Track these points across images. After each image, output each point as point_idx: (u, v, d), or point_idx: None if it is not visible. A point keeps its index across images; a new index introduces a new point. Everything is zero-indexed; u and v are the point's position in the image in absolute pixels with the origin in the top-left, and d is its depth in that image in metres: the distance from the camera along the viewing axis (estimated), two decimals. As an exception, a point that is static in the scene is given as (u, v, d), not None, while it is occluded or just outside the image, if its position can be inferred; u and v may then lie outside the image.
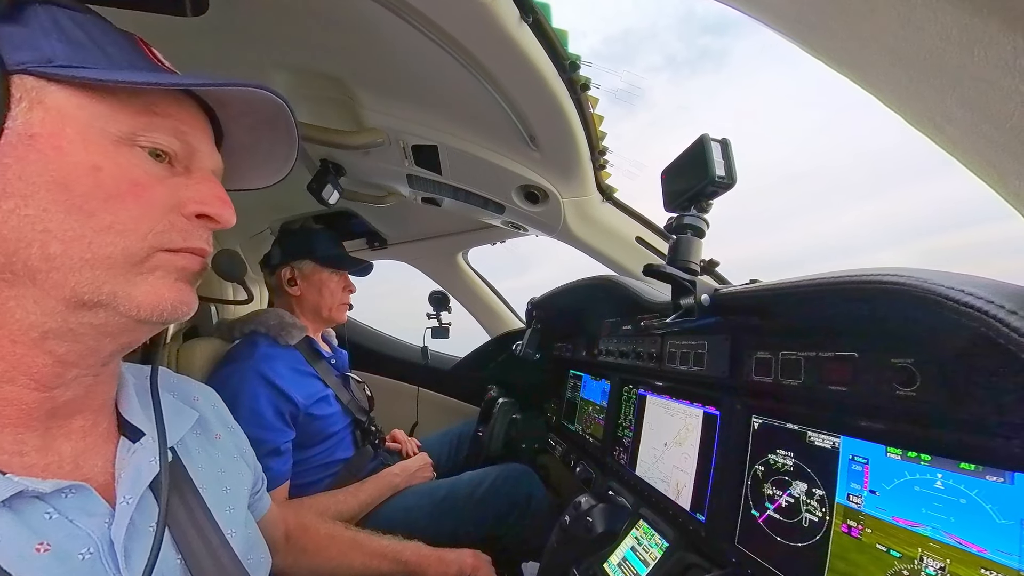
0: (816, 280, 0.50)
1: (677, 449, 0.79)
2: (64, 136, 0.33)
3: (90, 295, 0.34)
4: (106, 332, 0.37)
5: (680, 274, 0.66)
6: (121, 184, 0.35)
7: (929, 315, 0.40)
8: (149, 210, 0.36)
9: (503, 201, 1.18)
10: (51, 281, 0.34)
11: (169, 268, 0.38)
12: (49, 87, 0.34)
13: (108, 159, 0.35)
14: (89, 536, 0.35)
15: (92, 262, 0.34)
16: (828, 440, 0.53)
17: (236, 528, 0.49)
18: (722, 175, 0.61)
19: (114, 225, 0.35)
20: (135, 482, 0.40)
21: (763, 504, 0.59)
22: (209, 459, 0.52)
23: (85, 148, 0.34)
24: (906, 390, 0.45)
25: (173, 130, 0.38)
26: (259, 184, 0.52)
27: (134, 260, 0.36)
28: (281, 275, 1.25)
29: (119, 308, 0.36)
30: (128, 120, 0.36)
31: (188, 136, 0.40)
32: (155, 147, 0.38)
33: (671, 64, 31.33)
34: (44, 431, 0.38)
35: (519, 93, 0.81)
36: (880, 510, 0.46)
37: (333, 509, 1.06)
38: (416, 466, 1.27)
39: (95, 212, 0.34)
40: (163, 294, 0.38)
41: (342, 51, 0.80)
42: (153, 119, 0.37)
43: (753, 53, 33.59)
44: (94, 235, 0.34)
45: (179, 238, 0.38)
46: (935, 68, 0.39)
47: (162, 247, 0.37)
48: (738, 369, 0.68)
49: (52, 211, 0.33)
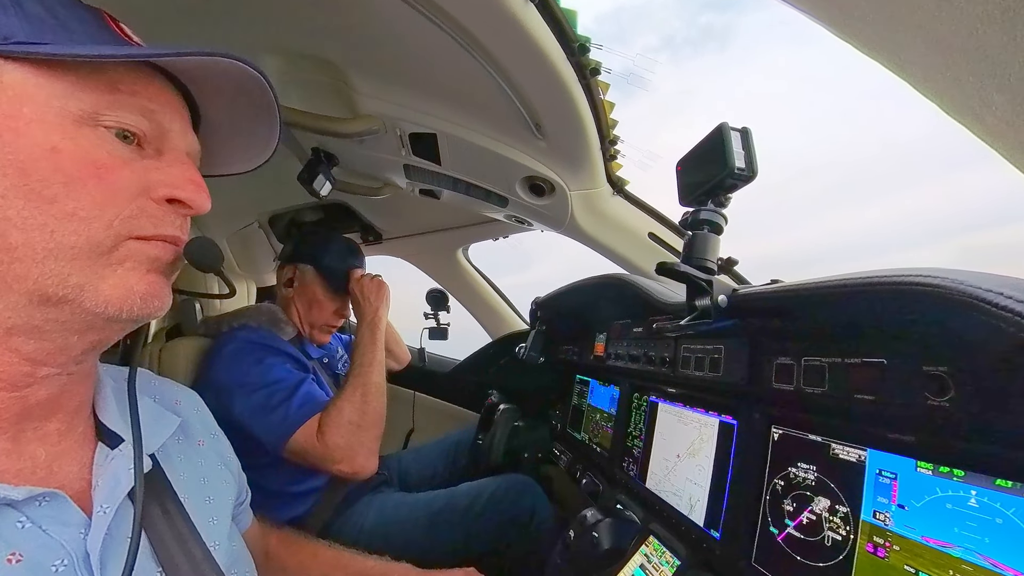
0: (842, 280, 0.50)
1: (691, 460, 0.79)
2: (21, 117, 0.33)
3: (55, 289, 0.34)
4: (72, 329, 0.37)
5: (696, 273, 0.66)
6: (82, 166, 0.34)
7: (964, 320, 0.39)
8: (114, 195, 0.36)
9: (506, 193, 1.18)
10: (12, 274, 0.33)
11: (140, 258, 0.38)
12: (6, 66, 0.34)
13: (67, 140, 0.34)
14: (63, 547, 0.36)
15: (56, 252, 0.34)
16: (854, 453, 0.53)
17: (219, 541, 0.49)
18: (742, 167, 0.61)
19: (77, 212, 0.34)
20: (112, 491, 0.40)
21: (783, 521, 0.59)
22: (192, 467, 0.53)
23: (43, 129, 0.33)
24: (939, 400, 0.45)
25: (140, 108, 0.38)
26: (241, 168, 0.51)
27: (101, 249, 0.35)
28: (282, 272, 1.28)
29: (84, 304, 0.35)
30: (90, 98, 0.35)
31: (158, 115, 0.39)
32: (121, 127, 0.37)
33: (669, 45, 31.73)
34: (16, 434, 0.38)
35: (524, 78, 0.81)
36: (909, 529, 0.46)
37: (345, 412, 1.05)
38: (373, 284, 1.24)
39: (56, 198, 0.33)
40: (132, 286, 0.37)
41: (335, 33, 0.80)
42: (118, 96, 0.36)
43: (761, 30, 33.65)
44: (56, 223, 0.33)
45: (149, 225, 0.38)
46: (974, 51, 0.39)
47: (131, 234, 0.37)
48: (757, 376, 0.67)
49: (10, 197, 0.32)
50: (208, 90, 0.43)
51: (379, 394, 1.12)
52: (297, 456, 1.03)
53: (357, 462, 1.04)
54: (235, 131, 0.48)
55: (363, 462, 1.05)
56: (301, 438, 1.02)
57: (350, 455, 1.03)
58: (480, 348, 1.92)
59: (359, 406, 1.07)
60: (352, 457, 1.03)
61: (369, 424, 1.07)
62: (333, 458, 1.02)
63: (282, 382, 1.07)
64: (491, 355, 1.86)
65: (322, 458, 1.02)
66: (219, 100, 0.44)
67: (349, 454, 1.03)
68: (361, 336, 1.18)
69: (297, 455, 1.03)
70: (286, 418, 1.02)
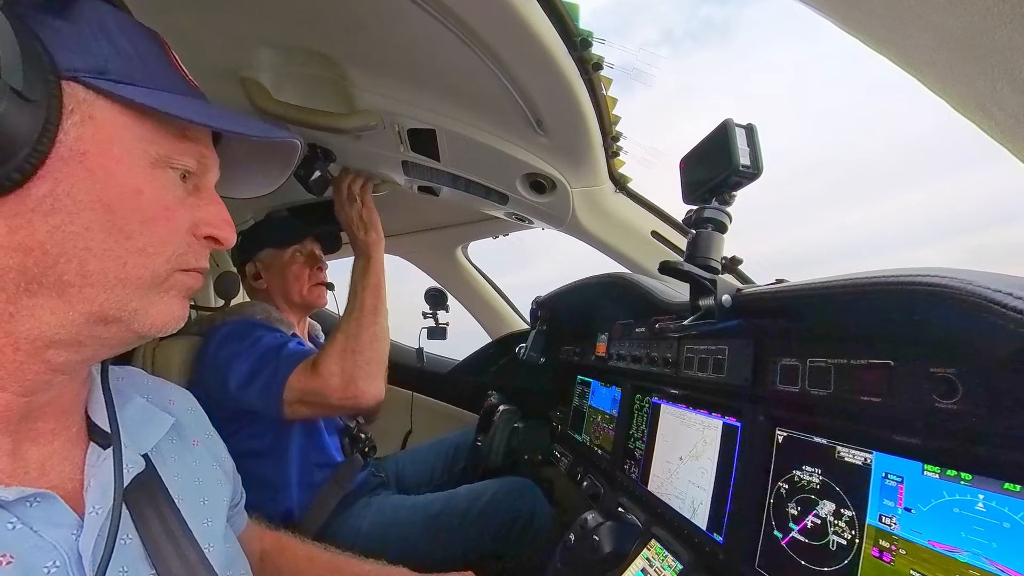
0: (848, 280, 0.50)
1: (693, 463, 0.79)
2: (112, 156, 0.36)
3: (115, 312, 0.38)
4: (108, 344, 0.40)
5: (699, 272, 0.66)
6: (156, 208, 0.38)
7: (973, 320, 0.39)
8: (174, 234, 0.40)
9: (506, 191, 1.17)
10: (82, 296, 0.36)
11: (182, 287, 0.42)
12: (98, 101, 0.35)
13: (148, 183, 0.38)
14: (55, 548, 0.36)
15: (124, 281, 0.37)
16: (859, 456, 0.53)
17: (214, 542, 0.49)
18: (747, 164, 0.61)
19: (147, 248, 0.38)
20: (105, 491, 0.40)
21: (787, 525, 0.59)
22: (186, 468, 0.53)
23: (130, 170, 0.37)
24: (946, 402, 0.45)
25: (198, 154, 0.42)
26: (245, 195, 0.55)
27: (158, 280, 0.40)
28: (246, 274, 1.30)
29: (133, 326, 0.39)
30: (165, 143, 0.39)
31: (206, 159, 0.43)
32: (184, 170, 0.41)
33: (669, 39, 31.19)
34: (14, 435, 0.38)
35: (525, 72, 0.81)
36: (915, 533, 0.46)
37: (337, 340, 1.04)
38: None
39: (133, 234, 0.37)
40: (174, 312, 0.42)
41: (332, 26, 0.80)
42: (184, 144, 0.40)
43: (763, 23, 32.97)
44: (129, 256, 0.37)
45: (193, 259, 0.42)
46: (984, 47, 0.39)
47: (180, 267, 0.41)
48: (761, 377, 0.67)
49: (95, 230, 0.35)
50: (240, 139, 0.46)
51: (375, 316, 1.09)
52: (298, 405, 1.01)
53: (357, 386, 1.01)
54: (249, 165, 0.51)
55: (364, 386, 1.02)
56: (295, 381, 1.00)
57: (347, 380, 1.00)
58: (479, 348, 1.92)
59: (353, 331, 1.05)
60: (350, 382, 1.00)
61: (364, 348, 1.04)
62: (330, 385, 0.99)
63: (271, 346, 1.07)
64: (491, 355, 1.87)
65: (320, 391, 0.99)
66: (245, 144, 0.48)
67: (345, 380, 1.00)
68: (357, 262, 1.17)
69: (297, 403, 1.01)
70: (276, 370, 1.02)
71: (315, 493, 1.17)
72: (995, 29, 0.37)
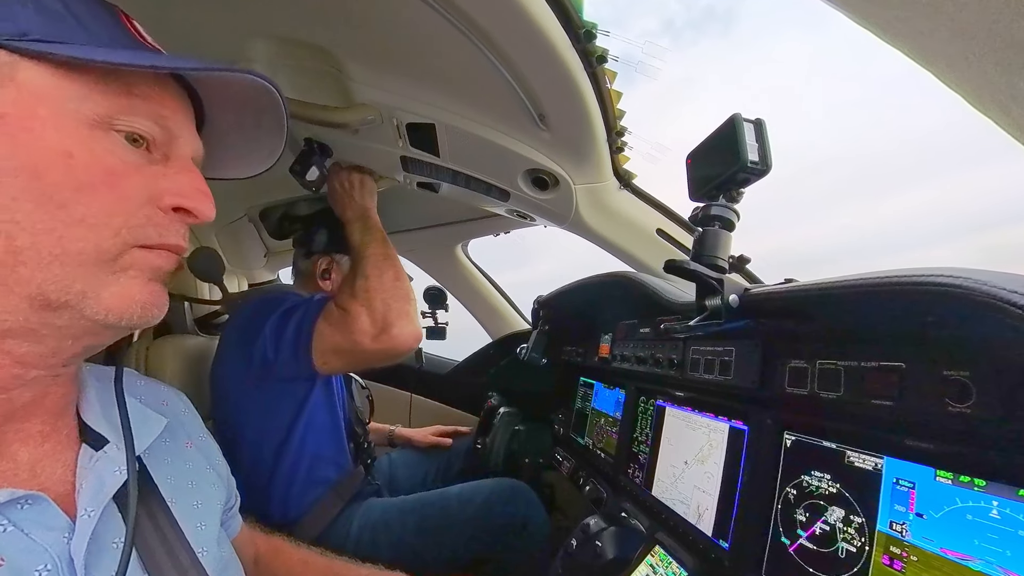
0: (859, 280, 0.50)
1: (699, 467, 0.79)
2: (36, 118, 0.34)
3: (57, 294, 0.35)
4: (68, 334, 0.38)
5: (706, 271, 0.65)
6: (94, 173, 0.35)
7: (988, 322, 0.39)
8: (124, 202, 0.37)
9: (508, 187, 1.17)
10: (15, 277, 0.34)
11: (143, 267, 0.39)
12: (22, 63, 0.34)
13: (81, 145, 0.35)
14: (46, 551, 0.36)
15: (62, 258, 0.34)
16: (870, 461, 0.53)
17: (208, 547, 0.50)
18: (755, 160, 0.61)
19: (86, 218, 0.35)
20: (97, 493, 0.40)
21: (795, 531, 0.59)
22: (179, 470, 0.53)
23: (57, 132, 0.34)
24: (960, 406, 0.45)
25: (153, 114, 0.39)
26: (240, 174, 0.53)
27: (106, 257, 0.36)
28: (317, 264, 1.25)
29: (85, 311, 0.36)
30: (105, 102, 0.36)
31: (168, 121, 0.40)
32: (132, 132, 0.38)
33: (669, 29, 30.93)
34: (1, 436, 0.38)
35: (527, 65, 0.80)
36: (926, 540, 0.46)
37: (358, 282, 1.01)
38: None
39: (66, 203, 0.34)
40: (133, 295, 0.38)
41: (329, 18, 0.80)
42: (132, 101, 0.37)
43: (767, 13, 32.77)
44: (65, 228, 0.34)
45: (155, 234, 0.39)
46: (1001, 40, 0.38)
47: (137, 243, 0.38)
48: (769, 379, 0.67)
49: (21, 200, 0.33)
50: (219, 98, 0.44)
51: (391, 262, 1.06)
52: (331, 355, 0.98)
53: (391, 328, 0.96)
54: (238, 137, 0.49)
55: (399, 328, 0.96)
56: (324, 328, 0.97)
57: (379, 324, 0.95)
58: (480, 349, 1.93)
59: (373, 274, 1.01)
60: (384, 325, 0.96)
61: (388, 286, 1.00)
62: (361, 329, 0.94)
63: (300, 300, 1.05)
64: (491, 356, 1.87)
65: (352, 336, 0.95)
66: (228, 108, 0.45)
67: (377, 323, 0.95)
68: (351, 233, 1.12)
69: (330, 353, 0.98)
70: (304, 317, 0.99)
71: (317, 498, 1.16)
72: (1013, 21, 0.37)
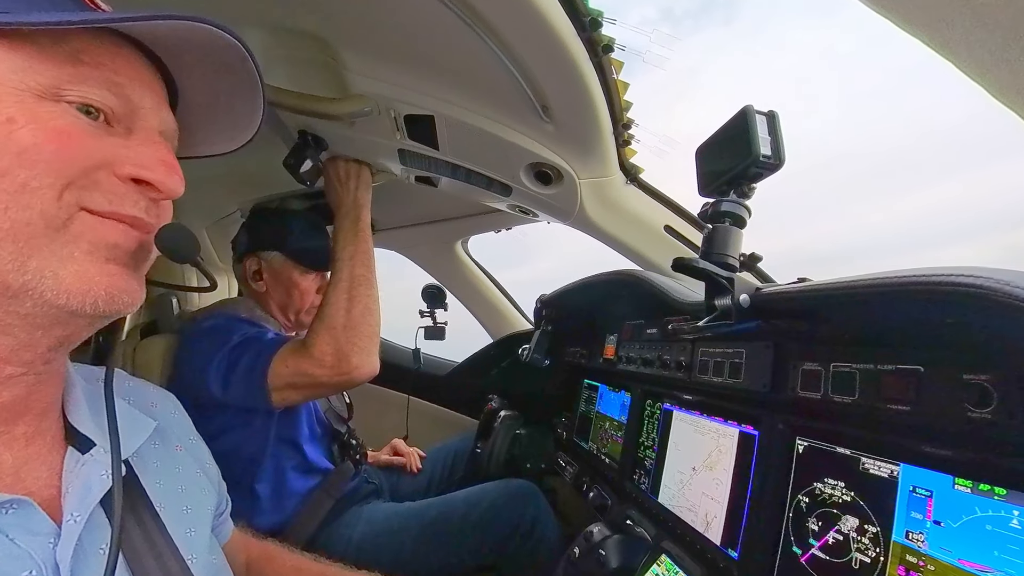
0: (876, 280, 0.50)
1: (707, 474, 0.79)
2: None
3: (15, 275, 0.34)
4: (36, 324, 0.37)
5: (715, 270, 0.65)
6: (39, 134, 0.34)
7: (1009, 324, 0.39)
8: (70, 162, 0.35)
9: (510, 181, 1.17)
10: None
11: (97, 242, 0.37)
12: None
13: (24, 111, 0.34)
14: (31, 557, 0.36)
15: (12, 232, 0.33)
16: (885, 468, 0.53)
17: (198, 553, 0.50)
18: (767, 154, 0.61)
19: (29, 181, 0.34)
20: (84, 498, 0.40)
21: (806, 540, 0.59)
22: (169, 474, 0.53)
23: None
24: (980, 412, 0.45)
25: (106, 82, 0.38)
26: (222, 148, 0.52)
27: (55, 223, 0.35)
28: (246, 266, 1.26)
29: (45, 294, 0.35)
30: (50, 71, 0.35)
31: (126, 89, 0.39)
32: (85, 102, 0.37)
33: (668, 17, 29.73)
34: None
35: (530, 55, 0.80)
36: (944, 551, 0.46)
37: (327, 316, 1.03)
38: None
39: (8, 170, 0.33)
40: (92, 277, 0.37)
41: (324, 5, 0.80)
42: (80, 69, 0.36)
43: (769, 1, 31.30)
44: (9, 198, 0.33)
45: (103, 199, 0.37)
46: (1026, 30, 0.38)
47: (82, 205, 0.36)
48: (781, 382, 0.67)
49: None
50: (185, 63, 0.43)
51: (367, 288, 1.08)
52: (287, 390, 1.01)
53: (351, 362, 1.01)
54: (216, 108, 0.48)
55: (357, 362, 1.01)
56: (279, 366, 1.00)
57: (340, 358, 1.00)
58: (480, 349, 1.93)
59: (344, 305, 1.04)
60: (343, 359, 1.00)
61: (357, 322, 1.03)
62: (323, 365, 0.99)
63: (251, 336, 1.06)
64: (492, 357, 1.87)
65: (310, 372, 0.99)
66: (197, 74, 0.44)
67: (339, 357, 1.00)
68: (340, 227, 1.13)
69: (286, 388, 1.01)
70: (258, 355, 1.01)
71: (301, 501, 1.17)
72: (1038, 10, 0.36)
